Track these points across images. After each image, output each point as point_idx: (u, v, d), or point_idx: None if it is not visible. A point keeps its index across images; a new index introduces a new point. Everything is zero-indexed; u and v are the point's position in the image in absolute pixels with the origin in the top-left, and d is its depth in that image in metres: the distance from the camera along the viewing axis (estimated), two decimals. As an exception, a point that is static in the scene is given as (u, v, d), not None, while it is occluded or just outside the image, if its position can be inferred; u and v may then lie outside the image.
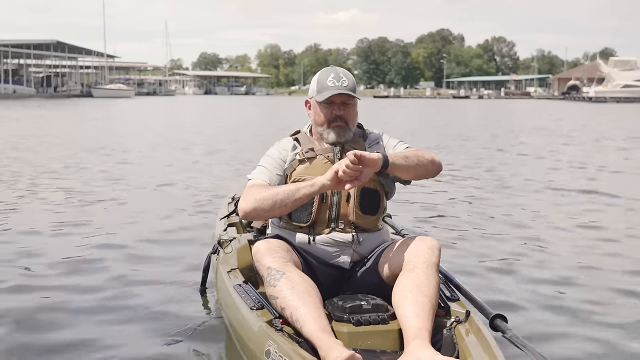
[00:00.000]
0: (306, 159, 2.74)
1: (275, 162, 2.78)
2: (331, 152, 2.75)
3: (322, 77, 2.77)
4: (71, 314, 3.17)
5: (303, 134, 2.88)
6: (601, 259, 4.45)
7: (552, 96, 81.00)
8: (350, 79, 2.77)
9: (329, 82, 2.73)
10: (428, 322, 2.27)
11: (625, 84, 61.20)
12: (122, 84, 76.68)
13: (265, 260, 2.49)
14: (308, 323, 2.26)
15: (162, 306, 3.25)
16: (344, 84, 2.73)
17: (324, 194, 2.66)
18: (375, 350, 2.29)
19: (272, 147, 2.87)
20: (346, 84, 2.73)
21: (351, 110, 2.78)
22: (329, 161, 2.72)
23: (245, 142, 14.68)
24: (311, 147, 2.77)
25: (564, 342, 2.96)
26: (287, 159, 2.78)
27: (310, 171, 2.70)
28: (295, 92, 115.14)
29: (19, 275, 3.81)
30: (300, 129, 2.92)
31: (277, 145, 2.86)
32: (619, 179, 9.03)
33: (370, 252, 2.74)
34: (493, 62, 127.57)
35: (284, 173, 2.76)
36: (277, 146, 2.85)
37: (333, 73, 2.77)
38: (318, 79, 2.80)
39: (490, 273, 4.04)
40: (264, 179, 2.73)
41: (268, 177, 2.74)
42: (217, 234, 3.50)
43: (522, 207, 6.47)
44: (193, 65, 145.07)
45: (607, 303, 3.53)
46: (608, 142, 15.24)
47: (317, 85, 2.78)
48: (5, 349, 2.76)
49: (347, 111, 2.76)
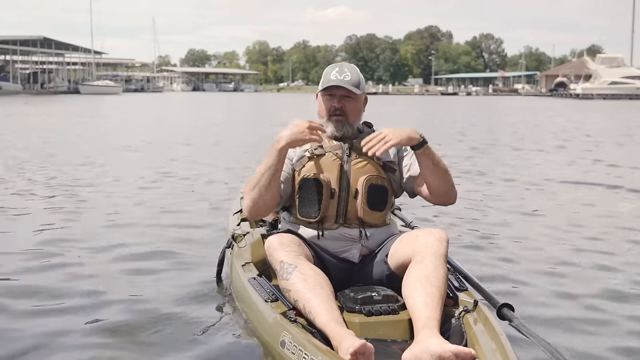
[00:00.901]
0: (315, 156, 2.79)
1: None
2: (340, 149, 2.80)
3: (328, 72, 2.87)
4: (88, 301, 3.24)
5: None
6: (612, 250, 4.52)
7: (540, 93, 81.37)
8: (355, 75, 2.83)
9: (332, 75, 2.82)
10: (437, 311, 2.33)
11: (612, 80, 61.50)
12: (110, 81, 76.22)
13: (278, 254, 2.56)
14: (321, 314, 2.33)
15: (177, 300, 3.29)
16: (345, 78, 2.79)
17: (332, 190, 2.73)
18: (386, 340, 2.36)
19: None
20: (348, 78, 2.80)
21: (352, 104, 2.83)
22: (337, 158, 2.77)
23: (239, 139, 14.67)
24: (320, 144, 2.81)
25: (570, 331, 3.00)
26: (294, 156, 2.82)
27: (319, 168, 2.76)
28: (283, 88, 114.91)
29: (42, 265, 3.91)
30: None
31: None
32: (625, 172, 9.18)
33: (379, 246, 2.79)
34: (481, 59, 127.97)
35: (292, 169, 2.81)
36: None
37: (338, 67, 2.85)
38: (324, 73, 2.88)
39: (498, 263, 4.10)
40: None
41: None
42: (230, 228, 3.57)
43: (526, 199, 6.64)
44: (181, 61, 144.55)
45: (615, 293, 3.56)
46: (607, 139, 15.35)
47: (323, 79, 2.86)
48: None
49: (348, 105, 2.82)
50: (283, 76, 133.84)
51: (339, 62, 2.94)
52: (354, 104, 2.84)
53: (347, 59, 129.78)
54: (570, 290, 3.61)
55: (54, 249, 4.29)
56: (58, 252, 4.21)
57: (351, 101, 2.83)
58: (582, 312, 3.27)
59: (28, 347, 2.70)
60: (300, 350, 2.16)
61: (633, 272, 3.97)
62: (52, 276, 3.71)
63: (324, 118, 2.85)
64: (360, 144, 2.66)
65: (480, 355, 2.13)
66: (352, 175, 2.76)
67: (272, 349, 2.35)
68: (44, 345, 2.73)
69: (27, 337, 2.82)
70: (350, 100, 2.83)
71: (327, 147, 2.81)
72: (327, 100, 2.84)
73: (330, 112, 2.83)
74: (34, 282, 3.60)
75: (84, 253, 4.23)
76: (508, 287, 3.59)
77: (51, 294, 3.38)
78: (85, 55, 74.03)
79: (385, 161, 2.82)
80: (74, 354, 2.65)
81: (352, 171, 2.76)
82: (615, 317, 3.20)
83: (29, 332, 2.87)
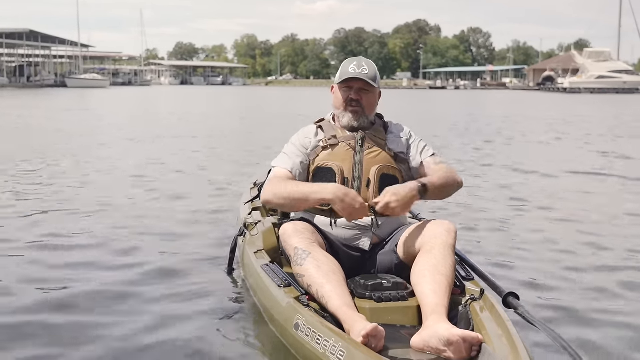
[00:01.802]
0: (329, 146, 2.90)
1: (297, 150, 2.94)
2: (353, 140, 2.90)
3: (346, 65, 2.97)
4: (108, 294, 3.26)
5: (327, 121, 3.04)
6: (620, 240, 4.58)
7: (528, 87, 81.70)
8: (372, 69, 2.94)
9: (351, 68, 2.92)
10: (445, 298, 2.40)
11: (599, 75, 61.89)
12: (97, 74, 75.75)
13: (292, 241, 2.64)
14: (333, 299, 2.41)
15: (191, 287, 3.34)
16: (363, 72, 2.90)
17: (345, 179, 2.82)
18: (395, 325, 2.43)
19: (295, 134, 3.01)
20: (366, 72, 2.91)
21: (369, 96, 2.94)
22: (350, 148, 2.88)
23: (231, 136, 14.60)
24: (334, 135, 2.92)
25: (575, 320, 3.05)
26: (309, 146, 2.93)
27: (333, 157, 2.87)
28: (272, 82, 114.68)
29: (52, 257, 3.92)
30: (324, 117, 3.08)
31: (300, 133, 3.01)
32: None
33: (389, 235, 2.87)
34: (469, 53, 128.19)
35: (307, 159, 2.92)
36: (300, 133, 3.01)
37: (356, 61, 2.95)
38: (342, 66, 2.99)
39: (505, 253, 4.17)
40: (287, 167, 2.90)
41: (290, 165, 2.90)
42: (242, 217, 3.65)
43: (534, 190, 6.78)
44: (169, 55, 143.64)
45: (622, 284, 3.60)
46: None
47: (340, 72, 2.97)
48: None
49: (364, 97, 2.93)
50: (271, 70, 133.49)
51: (357, 57, 3.02)
52: (370, 97, 2.95)
53: (336, 53, 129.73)
54: (576, 279, 3.66)
55: (56, 241, 4.30)
56: (61, 245, 4.21)
57: (368, 94, 2.94)
58: (586, 301, 3.32)
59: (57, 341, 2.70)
60: (314, 332, 2.23)
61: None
62: (60, 267, 3.72)
63: (340, 109, 2.95)
64: (377, 208, 2.71)
65: (486, 340, 2.18)
66: (364, 165, 2.85)
67: (286, 331, 2.43)
68: (59, 337, 2.73)
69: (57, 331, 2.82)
70: (367, 92, 2.93)
71: (341, 137, 2.91)
72: (345, 91, 2.94)
73: (347, 103, 2.92)
74: (64, 266, 3.68)
75: (93, 244, 4.24)
76: (514, 277, 3.65)
77: (58, 285, 3.38)
78: (72, 49, 73.51)
79: (396, 152, 2.93)
80: (93, 344, 2.66)
81: (364, 161, 2.86)
82: (620, 306, 3.25)
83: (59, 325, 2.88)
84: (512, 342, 2.12)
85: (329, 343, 2.15)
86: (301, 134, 2.99)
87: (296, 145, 2.96)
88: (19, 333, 2.76)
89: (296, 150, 2.93)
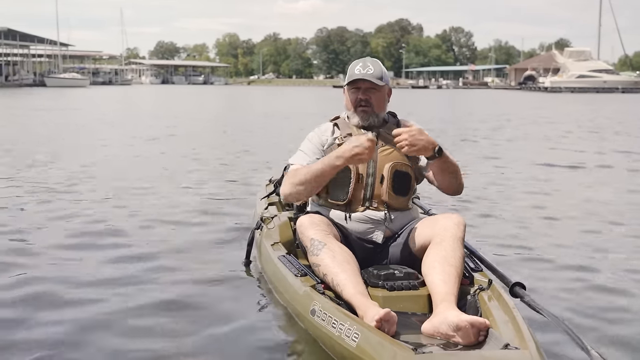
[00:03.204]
0: (345, 143, 2.95)
1: (314, 147, 3.06)
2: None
3: (352, 67, 3.09)
4: (130, 286, 3.38)
5: (342, 119, 3.15)
6: (625, 233, 4.78)
7: (509, 86, 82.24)
8: (377, 68, 3.04)
9: (356, 70, 3.03)
10: (454, 288, 2.52)
11: (579, 74, 62.37)
12: (77, 73, 74.99)
13: (309, 232, 2.78)
14: (348, 287, 2.54)
15: (210, 277, 3.50)
16: (369, 72, 3.00)
17: (360, 175, 2.95)
18: (407, 313, 2.55)
19: (312, 131, 3.14)
20: (372, 71, 3.01)
21: (377, 95, 3.04)
22: None
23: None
24: (349, 132, 3.04)
25: (580, 309, 3.14)
26: (326, 143, 3.04)
27: None
28: (254, 81, 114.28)
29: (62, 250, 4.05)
30: (339, 115, 3.19)
31: (317, 130, 3.13)
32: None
33: (401, 228, 3.00)
34: (451, 53, 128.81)
35: (323, 156, 2.99)
36: (317, 131, 3.13)
37: (362, 62, 3.06)
38: (349, 68, 3.11)
39: (512, 245, 4.33)
40: (303, 164, 3.01)
41: (307, 161, 3.01)
42: (258, 212, 3.84)
43: (541, 185, 7.05)
44: (150, 54, 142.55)
45: (622, 274, 3.72)
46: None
47: (348, 74, 3.09)
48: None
49: (372, 96, 3.03)
50: (254, 69, 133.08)
51: (363, 58, 3.14)
52: (379, 95, 3.05)
53: (318, 52, 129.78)
54: (582, 270, 3.79)
55: (76, 237, 4.41)
56: (76, 245, 4.23)
57: (376, 92, 3.03)
58: (592, 290, 3.44)
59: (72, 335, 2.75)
60: (330, 317, 2.36)
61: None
62: (78, 263, 3.80)
63: (351, 110, 3.07)
64: (392, 133, 2.80)
65: (493, 326, 2.28)
66: (378, 162, 2.97)
67: (303, 317, 2.57)
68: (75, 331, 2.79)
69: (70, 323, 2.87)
70: (375, 91, 3.03)
71: (356, 134, 3.01)
72: (353, 93, 3.06)
73: (356, 104, 3.04)
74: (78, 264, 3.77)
75: (107, 240, 4.34)
76: (520, 268, 3.77)
77: (78, 282, 3.44)
78: (52, 47, 72.71)
79: None
80: (109, 332, 2.76)
81: (378, 158, 2.97)
82: (625, 296, 3.38)
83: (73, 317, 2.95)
84: (518, 327, 2.21)
85: (344, 326, 2.27)
86: (318, 132, 3.12)
87: (313, 142, 3.07)
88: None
89: (313, 147, 3.05)
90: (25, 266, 3.68)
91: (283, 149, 9.18)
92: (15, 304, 3.09)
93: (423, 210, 3.72)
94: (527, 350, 2.04)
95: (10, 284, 3.37)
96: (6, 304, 3.09)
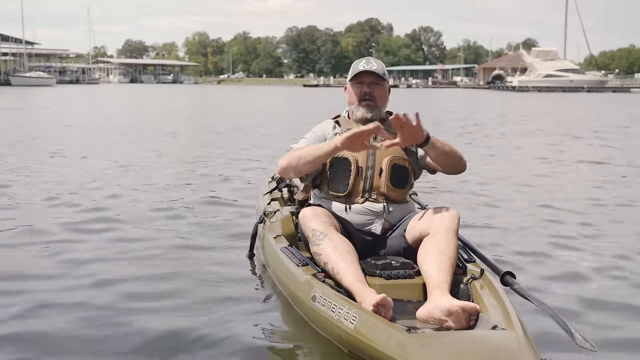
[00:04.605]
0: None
1: (316, 138, 3.21)
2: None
3: (356, 64, 3.24)
4: (140, 277, 3.50)
5: (343, 117, 3.30)
6: (613, 223, 5.05)
7: (478, 85, 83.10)
8: (380, 65, 3.21)
9: (360, 66, 3.19)
10: (448, 276, 2.65)
11: (546, 73, 63.29)
12: (43, 72, 73.72)
13: (311, 224, 2.92)
14: (347, 275, 2.68)
15: (214, 270, 3.63)
16: (372, 67, 3.16)
17: (360, 168, 3.08)
18: (402, 300, 2.68)
19: (316, 126, 3.30)
20: (375, 67, 3.17)
21: (380, 90, 3.20)
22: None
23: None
24: (349, 128, 3.11)
25: (569, 297, 3.31)
26: (328, 137, 3.19)
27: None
28: (224, 80, 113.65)
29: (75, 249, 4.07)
30: (340, 114, 3.34)
31: (320, 125, 3.29)
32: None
33: (399, 221, 3.13)
34: (421, 52, 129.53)
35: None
36: (320, 125, 3.29)
37: (365, 60, 3.23)
38: (353, 65, 3.25)
39: (503, 237, 4.54)
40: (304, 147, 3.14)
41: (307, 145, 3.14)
42: (261, 207, 4.00)
43: (532, 180, 7.32)
44: (118, 52, 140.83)
45: (610, 263, 3.93)
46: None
47: (351, 71, 3.24)
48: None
49: (376, 90, 3.19)
50: (223, 68, 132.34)
51: (365, 57, 3.29)
52: (381, 90, 3.21)
53: (288, 51, 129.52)
54: (569, 259, 4.01)
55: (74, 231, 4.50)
56: (86, 239, 4.30)
57: (379, 87, 3.20)
58: (577, 279, 3.63)
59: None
60: (330, 302, 2.50)
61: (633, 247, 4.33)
62: (76, 258, 3.85)
63: (355, 104, 3.21)
64: (391, 120, 2.85)
65: (484, 311, 2.42)
66: (377, 155, 3.10)
67: (304, 303, 2.70)
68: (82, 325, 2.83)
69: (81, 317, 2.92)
70: (378, 86, 3.19)
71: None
72: (357, 87, 3.21)
73: (360, 98, 3.18)
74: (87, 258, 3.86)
75: (115, 231, 4.49)
76: (511, 259, 3.94)
77: (82, 273, 3.54)
78: (17, 46, 71.34)
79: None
80: (118, 327, 2.80)
81: (377, 152, 3.09)
82: (607, 280, 3.60)
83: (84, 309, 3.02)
84: (506, 312, 2.35)
85: (343, 310, 2.41)
86: (320, 126, 3.28)
87: (316, 133, 3.23)
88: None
89: (314, 137, 3.21)
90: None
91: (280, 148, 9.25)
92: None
93: (420, 206, 3.86)
94: (514, 331, 2.16)
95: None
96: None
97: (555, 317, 2.36)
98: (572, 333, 2.28)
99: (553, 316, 2.38)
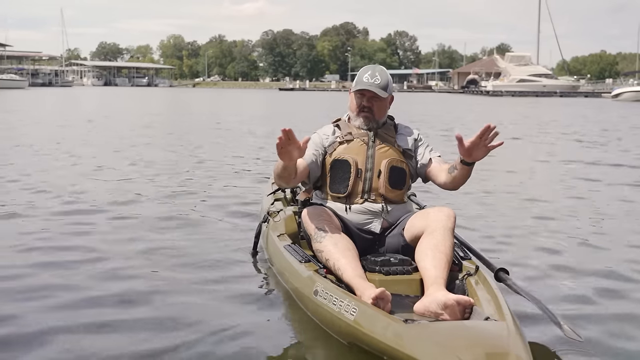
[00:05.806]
0: (345, 141, 3.28)
1: (312, 143, 3.26)
2: (366, 136, 3.28)
3: (361, 73, 3.31)
4: (148, 272, 3.61)
5: (343, 121, 3.40)
6: (605, 222, 5.19)
7: (452, 89, 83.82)
8: (384, 78, 3.26)
9: (365, 78, 3.27)
10: (444, 272, 2.76)
11: (520, 78, 64.14)
12: (15, 74, 72.61)
13: (313, 222, 3.04)
14: (347, 271, 2.80)
15: (221, 267, 3.73)
16: (376, 82, 3.24)
17: (359, 170, 3.20)
18: (400, 295, 2.80)
19: (315, 132, 3.37)
20: (378, 82, 3.24)
21: (379, 104, 3.28)
22: (364, 143, 3.27)
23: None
24: (349, 132, 3.31)
25: (558, 292, 3.44)
26: (327, 142, 3.30)
27: (348, 151, 3.26)
28: (199, 83, 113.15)
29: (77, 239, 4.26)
30: (341, 117, 3.43)
31: (319, 131, 3.38)
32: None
33: (397, 220, 3.24)
34: (396, 56, 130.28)
35: (324, 152, 3.29)
36: (319, 132, 3.37)
37: (370, 71, 3.28)
38: (358, 74, 3.34)
39: (496, 235, 4.67)
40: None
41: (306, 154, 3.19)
42: (265, 207, 4.12)
43: (522, 181, 7.59)
44: (92, 55, 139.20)
45: (603, 257, 4.10)
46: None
47: (356, 79, 3.32)
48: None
49: (375, 104, 3.28)
50: (199, 71, 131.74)
51: (371, 65, 3.36)
52: (380, 104, 3.29)
53: (264, 55, 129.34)
54: (561, 256, 4.13)
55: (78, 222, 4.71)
56: (93, 239, 4.34)
57: (378, 101, 3.28)
58: (567, 274, 3.76)
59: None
60: (331, 296, 2.61)
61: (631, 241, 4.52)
62: (83, 250, 3.99)
63: (354, 112, 3.33)
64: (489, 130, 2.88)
65: (477, 304, 2.56)
66: (376, 158, 3.22)
67: (306, 297, 2.81)
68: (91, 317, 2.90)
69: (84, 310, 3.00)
70: (378, 100, 3.28)
71: (356, 134, 3.29)
72: (358, 98, 3.30)
73: (359, 109, 3.29)
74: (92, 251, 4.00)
75: (119, 229, 4.58)
76: (505, 257, 4.06)
77: (83, 274, 3.56)
78: (-12, 47, 70.16)
79: (404, 148, 3.30)
80: (122, 323, 2.85)
81: (376, 154, 3.23)
82: (598, 278, 3.71)
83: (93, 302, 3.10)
84: (499, 305, 2.47)
85: (344, 303, 2.52)
86: (320, 132, 3.36)
87: (314, 140, 3.29)
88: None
89: (312, 144, 3.26)
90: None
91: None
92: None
93: (419, 206, 3.95)
94: (505, 322, 2.28)
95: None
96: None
97: (545, 310, 2.52)
98: (560, 325, 2.44)
99: (543, 309, 2.53)
